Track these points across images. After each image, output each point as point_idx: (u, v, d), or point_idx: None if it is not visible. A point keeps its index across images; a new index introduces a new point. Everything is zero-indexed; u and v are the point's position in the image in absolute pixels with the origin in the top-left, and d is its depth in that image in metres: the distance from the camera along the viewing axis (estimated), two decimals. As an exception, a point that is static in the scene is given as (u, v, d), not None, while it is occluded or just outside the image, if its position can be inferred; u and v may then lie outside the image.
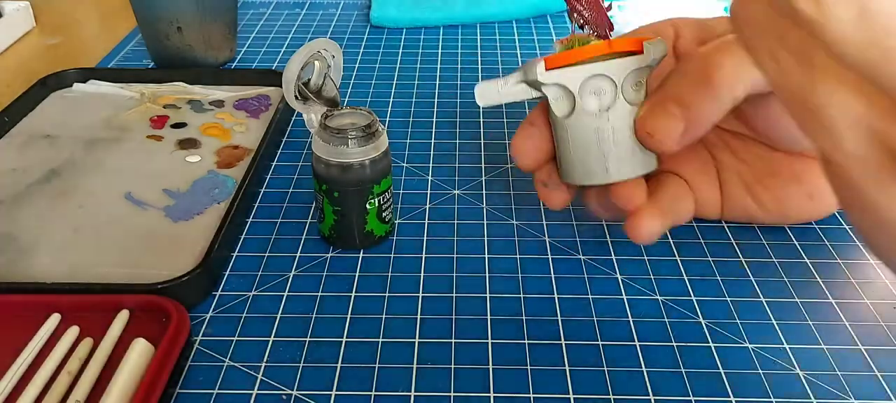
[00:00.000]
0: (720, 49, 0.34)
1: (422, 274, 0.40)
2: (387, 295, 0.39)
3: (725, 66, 0.34)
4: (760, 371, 0.34)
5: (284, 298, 0.38)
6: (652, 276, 0.40)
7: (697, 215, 0.42)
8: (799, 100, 0.20)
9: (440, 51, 0.69)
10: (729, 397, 0.33)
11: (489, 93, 0.37)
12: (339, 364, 0.35)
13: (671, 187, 0.39)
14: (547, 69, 0.35)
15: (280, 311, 0.38)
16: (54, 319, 0.36)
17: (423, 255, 0.42)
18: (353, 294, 0.39)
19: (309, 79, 0.43)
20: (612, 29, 0.36)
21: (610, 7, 0.36)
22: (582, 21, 0.36)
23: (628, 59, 0.35)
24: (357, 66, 0.66)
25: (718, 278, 0.40)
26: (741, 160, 0.40)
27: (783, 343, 0.36)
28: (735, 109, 0.35)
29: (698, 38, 0.39)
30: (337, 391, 0.33)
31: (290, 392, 0.33)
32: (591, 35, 0.36)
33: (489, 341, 0.36)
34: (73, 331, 0.35)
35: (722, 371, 0.34)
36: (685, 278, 0.40)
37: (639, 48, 0.35)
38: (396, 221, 0.44)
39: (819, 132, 0.20)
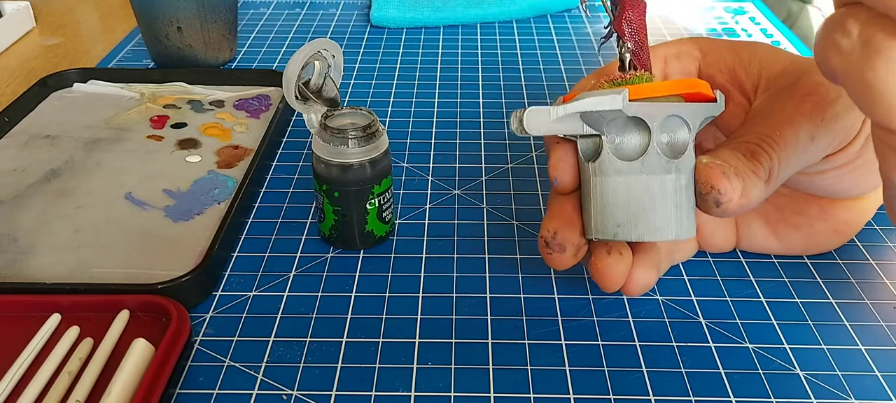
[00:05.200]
0: (783, 121, 0.32)
1: (422, 274, 0.40)
2: (387, 295, 0.39)
3: (786, 146, 0.31)
4: (760, 371, 0.34)
5: (284, 298, 0.38)
6: (652, 276, 0.40)
7: (708, 250, 0.41)
8: (858, 80, 0.22)
9: (440, 51, 0.69)
10: (729, 397, 0.33)
11: (540, 121, 0.32)
12: (339, 364, 0.35)
13: None
14: (631, 99, 0.30)
15: (280, 311, 0.38)
16: (54, 319, 0.36)
17: (423, 255, 0.42)
18: (353, 294, 0.39)
19: (309, 80, 0.43)
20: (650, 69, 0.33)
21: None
22: (630, 55, 0.32)
23: (702, 106, 0.31)
24: (357, 66, 0.66)
25: (718, 278, 0.40)
26: (767, 201, 0.37)
27: (783, 344, 0.36)
28: None
29: (730, 70, 0.36)
30: (337, 391, 0.33)
31: (290, 392, 0.33)
32: (644, 74, 0.32)
33: (489, 341, 0.36)
34: (74, 331, 0.35)
35: (722, 371, 0.34)
36: (685, 278, 0.40)
37: (706, 93, 0.31)
38: (396, 221, 0.44)
39: (874, 104, 0.22)
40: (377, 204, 0.41)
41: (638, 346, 0.35)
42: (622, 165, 0.31)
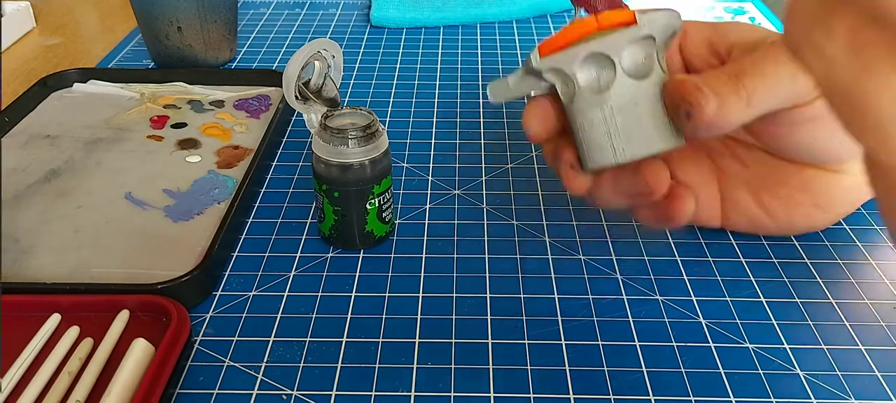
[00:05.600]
0: (765, 56, 0.33)
1: (422, 274, 0.40)
2: (387, 295, 0.39)
3: (766, 76, 0.32)
4: (760, 371, 0.34)
5: (284, 298, 0.38)
6: (652, 276, 0.40)
7: (696, 222, 0.42)
8: (845, 97, 0.18)
9: (440, 51, 0.69)
10: (729, 397, 0.33)
11: (499, 89, 0.37)
12: (339, 364, 0.35)
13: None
14: (541, 56, 0.35)
15: (280, 311, 0.38)
16: (54, 319, 0.36)
17: (423, 255, 0.42)
18: (353, 294, 0.39)
19: (309, 80, 0.43)
20: None
21: None
22: (589, 9, 0.35)
23: (622, 33, 0.33)
24: (357, 66, 0.66)
25: (718, 278, 0.40)
26: (747, 167, 0.40)
27: (783, 344, 0.36)
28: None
29: (708, 41, 0.37)
30: (337, 391, 0.33)
31: (290, 392, 0.33)
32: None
33: (489, 341, 0.36)
34: (74, 331, 0.35)
35: (722, 371, 0.34)
36: (685, 278, 0.40)
37: (631, 20, 0.34)
38: (396, 221, 0.44)
39: (866, 131, 0.18)
40: (377, 205, 0.41)
41: (638, 346, 0.35)
42: (574, 105, 0.35)
